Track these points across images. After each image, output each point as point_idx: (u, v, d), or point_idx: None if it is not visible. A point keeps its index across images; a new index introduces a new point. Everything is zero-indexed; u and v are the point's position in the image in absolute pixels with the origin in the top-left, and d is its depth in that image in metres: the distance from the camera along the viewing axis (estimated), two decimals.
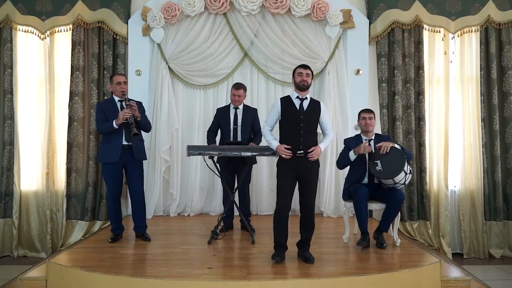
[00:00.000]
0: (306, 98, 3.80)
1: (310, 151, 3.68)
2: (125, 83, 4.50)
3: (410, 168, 4.21)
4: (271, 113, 3.89)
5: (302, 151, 3.69)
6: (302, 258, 3.76)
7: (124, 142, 4.38)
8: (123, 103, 4.42)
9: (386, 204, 4.25)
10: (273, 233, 3.79)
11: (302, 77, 3.75)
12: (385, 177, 4.12)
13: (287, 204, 3.75)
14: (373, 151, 4.25)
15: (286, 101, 3.82)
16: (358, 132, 4.56)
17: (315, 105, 3.83)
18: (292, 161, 3.70)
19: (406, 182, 4.20)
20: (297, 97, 3.79)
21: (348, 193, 4.37)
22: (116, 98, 4.49)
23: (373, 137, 4.41)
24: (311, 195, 3.76)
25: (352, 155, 4.31)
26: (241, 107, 4.92)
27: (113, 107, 4.43)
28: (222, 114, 4.95)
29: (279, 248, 3.77)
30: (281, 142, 3.78)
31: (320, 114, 3.82)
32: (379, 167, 4.10)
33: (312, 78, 3.84)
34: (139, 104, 4.54)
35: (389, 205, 4.20)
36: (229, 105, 4.99)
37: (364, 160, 4.30)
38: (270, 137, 3.87)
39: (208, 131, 5.03)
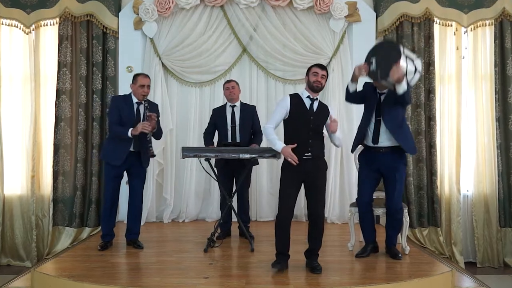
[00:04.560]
0: (316, 99, 3.85)
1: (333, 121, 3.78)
2: (149, 87, 4.53)
3: (415, 62, 3.93)
4: (277, 109, 3.85)
5: (309, 153, 3.72)
6: (309, 268, 3.78)
7: (132, 149, 4.45)
8: (141, 107, 4.47)
9: (386, 218, 4.29)
10: (275, 240, 3.80)
11: (317, 77, 3.79)
12: (378, 78, 3.91)
13: (290, 210, 3.77)
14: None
15: (295, 99, 3.84)
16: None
17: (324, 108, 3.89)
18: (299, 164, 3.71)
19: (411, 83, 3.94)
20: (308, 96, 3.83)
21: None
22: (134, 99, 4.52)
23: None
24: (320, 201, 3.79)
25: (351, 85, 4.10)
26: (238, 104, 4.95)
27: (129, 108, 4.47)
28: (218, 115, 4.97)
29: (281, 256, 3.79)
30: (286, 143, 3.78)
31: (327, 117, 3.87)
32: (373, 66, 3.88)
33: (326, 80, 3.88)
34: (156, 106, 4.62)
35: (388, 220, 4.26)
36: (225, 104, 5.01)
37: (371, 113, 4.14)
38: (274, 136, 3.81)
39: (204, 133, 5.06)
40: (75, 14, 5.77)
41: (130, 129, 4.30)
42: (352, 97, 4.20)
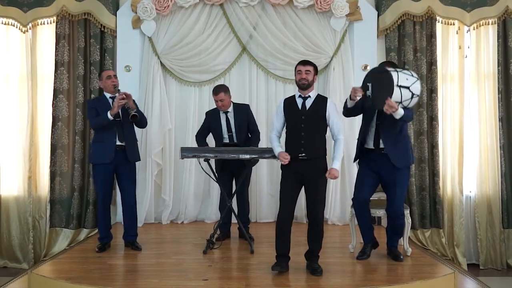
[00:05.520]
0: (310, 96, 3.85)
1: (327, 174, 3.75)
2: (115, 76, 4.59)
3: (412, 88, 3.86)
4: (275, 116, 3.97)
5: (304, 154, 3.73)
6: (310, 270, 3.79)
7: (118, 142, 4.44)
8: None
9: (387, 221, 4.28)
10: (275, 241, 3.81)
11: (301, 75, 3.81)
12: (373, 106, 3.96)
13: (289, 210, 3.78)
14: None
15: (289, 102, 3.90)
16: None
17: (320, 103, 3.86)
18: (295, 165, 3.74)
19: (409, 106, 3.91)
20: (300, 96, 3.84)
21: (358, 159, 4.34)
22: (108, 95, 4.54)
23: None
24: (318, 202, 3.80)
25: (349, 101, 4.11)
26: (230, 109, 4.84)
27: (105, 104, 4.48)
28: (212, 119, 4.89)
29: (281, 258, 3.79)
30: (285, 145, 3.86)
31: (325, 112, 3.84)
32: (369, 92, 3.90)
33: (315, 74, 3.88)
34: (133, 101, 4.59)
35: (388, 223, 4.24)
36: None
37: (372, 118, 4.14)
38: (275, 143, 3.96)
39: (196, 135, 5.02)
40: (73, 12, 5.77)
41: (108, 111, 4.31)
42: (350, 112, 4.22)
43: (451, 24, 5.85)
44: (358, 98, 3.96)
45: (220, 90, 4.75)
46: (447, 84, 5.90)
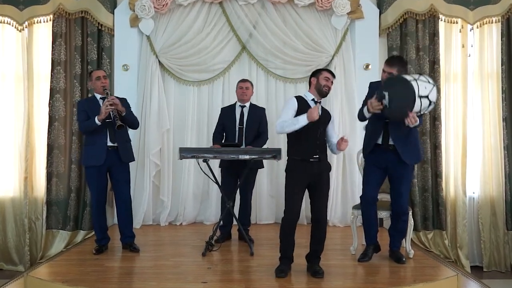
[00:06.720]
0: (320, 102, 3.89)
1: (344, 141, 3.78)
2: (105, 77, 4.59)
3: (430, 96, 3.87)
4: (288, 109, 3.82)
5: (317, 156, 3.76)
6: (311, 272, 3.79)
7: (109, 143, 4.44)
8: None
9: (390, 220, 4.28)
10: (280, 243, 3.81)
11: (328, 82, 3.84)
12: (391, 115, 3.94)
13: (298, 212, 3.80)
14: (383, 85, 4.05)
15: (301, 102, 3.86)
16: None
17: (325, 111, 3.95)
18: (305, 166, 3.75)
19: (426, 111, 3.99)
20: (313, 99, 3.86)
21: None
22: (98, 96, 4.54)
23: None
24: (323, 202, 3.84)
25: (366, 112, 4.16)
26: (247, 105, 4.97)
27: (95, 105, 4.47)
28: (227, 114, 4.99)
29: (285, 260, 3.80)
30: (294, 147, 3.81)
31: (331, 117, 3.94)
32: (386, 101, 3.88)
33: None
34: (123, 100, 4.59)
35: (392, 222, 4.26)
36: (234, 104, 5.03)
37: (379, 116, 4.12)
38: (290, 121, 3.72)
39: (213, 134, 5.08)
40: (69, 10, 5.76)
41: (96, 117, 4.30)
42: (366, 119, 4.24)
43: (454, 23, 5.86)
44: (377, 111, 3.97)
45: (248, 80, 5.13)
46: (450, 83, 5.90)
